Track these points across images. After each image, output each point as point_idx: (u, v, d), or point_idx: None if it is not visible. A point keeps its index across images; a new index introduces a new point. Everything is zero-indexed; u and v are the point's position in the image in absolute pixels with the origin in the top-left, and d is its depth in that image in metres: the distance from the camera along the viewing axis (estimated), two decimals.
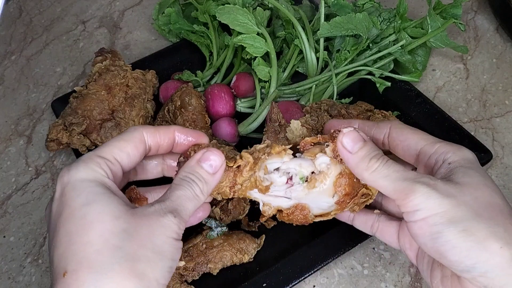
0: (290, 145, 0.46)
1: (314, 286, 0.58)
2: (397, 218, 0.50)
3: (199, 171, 0.41)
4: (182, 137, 0.45)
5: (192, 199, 0.40)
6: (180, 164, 0.44)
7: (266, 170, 0.44)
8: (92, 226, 0.36)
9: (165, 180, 0.49)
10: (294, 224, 0.48)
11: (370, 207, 0.51)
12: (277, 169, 0.45)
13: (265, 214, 0.47)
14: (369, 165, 0.41)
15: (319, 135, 0.46)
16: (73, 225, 0.36)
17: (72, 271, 0.34)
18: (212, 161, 0.42)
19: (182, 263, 0.42)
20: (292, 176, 0.45)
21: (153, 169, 0.48)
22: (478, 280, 0.38)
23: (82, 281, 0.34)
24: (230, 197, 0.45)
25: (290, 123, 0.51)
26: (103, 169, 0.39)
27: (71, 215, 0.36)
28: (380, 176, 0.41)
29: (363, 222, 0.51)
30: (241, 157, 0.44)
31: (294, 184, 0.45)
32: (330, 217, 0.48)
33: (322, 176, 0.44)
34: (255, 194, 0.46)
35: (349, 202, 0.46)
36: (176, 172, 0.43)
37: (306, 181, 0.45)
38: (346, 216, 0.52)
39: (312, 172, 0.45)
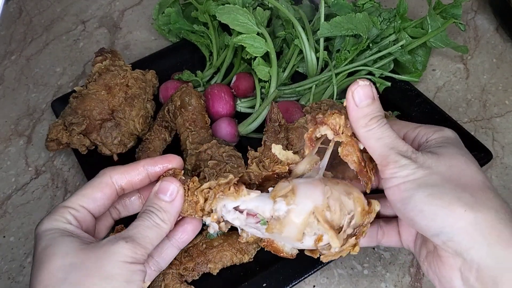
0: (260, 178, 0.45)
1: (314, 286, 0.58)
2: (393, 217, 0.50)
3: (156, 202, 0.44)
4: (152, 168, 0.46)
5: (151, 227, 0.42)
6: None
7: (214, 215, 0.44)
8: (44, 266, 0.39)
9: None
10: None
11: None
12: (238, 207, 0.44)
13: (242, 240, 0.46)
14: (368, 123, 0.42)
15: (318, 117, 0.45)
16: (34, 269, 0.40)
17: None
18: (168, 190, 0.44)
19: (147, 284, 0.43)
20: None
21: (133, 205, 0.50)
22: (448, 245, 0.38)
23: None
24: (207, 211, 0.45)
25: (270, 148, 0.48)
26: (65, 217, 0.43)
27: (34, 262, 0.41)
28: (373, 137, 0.42)
29: (368, 236, 0.49)
30: (201, 191, 0.45)
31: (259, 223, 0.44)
32: (316, 256, 0.46)
33: (278, 224, 0.42)
34: (233, 221, 0.45)
35: (367, 171, 0.43)
36: None
37: (267, 222, 0.43)
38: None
39: (272, 216, 0.43)
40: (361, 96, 0.42)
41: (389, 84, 0.72)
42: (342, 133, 0.43)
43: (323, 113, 0.44)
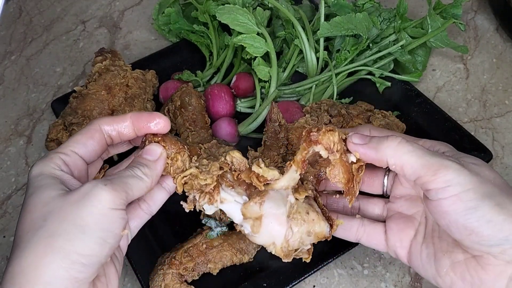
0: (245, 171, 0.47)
1: (314, 286, 0.58)
2: (380, 220, 0.51)
3: (140, 160, 0.45)
4: (139, 122, 0.46)
5: (132, 176, 0.43)
6: (141, 145, 0.48)
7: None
8: (25, 214, 0.40)
9: None
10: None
11: (347, 214, 0.52)
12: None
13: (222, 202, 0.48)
14: (389, 142, 0.42)
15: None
16: (19, 217, 0.41)
17: (11, 252, 0.39)
18: (153, 152, 0.45)
19: (126, 232, 0.42)
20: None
21: (122, 147, 0.51)
22: (507, 253, 0.39)
23: (11, 261, 0.38)
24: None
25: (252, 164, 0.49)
26: (55, 162, 0.43)
27: (22, 206, 0.41)
28: (405, 151, 0.41)
29: (346, 229, 0.51)
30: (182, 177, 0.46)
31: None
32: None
33: (242, 233, 0.48)
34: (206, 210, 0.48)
35: (353, 186, 0.46)
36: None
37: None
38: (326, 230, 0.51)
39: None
40: (359, 137, 0.44)
41: (389, 84, 0.72)
42: (337, 150, 0.45)
43: (318, 129, 0.45)
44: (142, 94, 0.70)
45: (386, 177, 0.52)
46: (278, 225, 0.46)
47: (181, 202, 0.48)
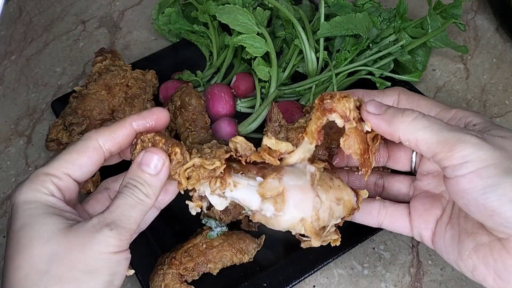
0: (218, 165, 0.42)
1: (314, 286, 0.58)
2: (403, 201, 0.47)
3: (140, 175, 0.40)
4: (141, 124, 0.42)
5: (135, 206, 0.39)
6: (131, 148, 0.43)
7: (194, 187, 0.43)
8: (22, 251, 0.36)
9: None
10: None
11: (370, 196, 0.48)
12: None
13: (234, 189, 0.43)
14: (404, 117, 0.38)
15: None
16: (10, 250, 0.37)
17: None
18: (153, 161, 0.40)
19: (131, 272, 0.42)
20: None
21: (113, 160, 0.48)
22: None
23: None
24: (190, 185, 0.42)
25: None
26: (47, 188, 0.39)
27: (10, 239, 0.37)
28: (420, 127, 0.38)
29: (366, 212, 0.46)
30: (184, 170, 0.42)
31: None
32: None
33: (264, 219, 0.43)
34: (216, 205, 0.44)
35: (369, 157, 0.42)
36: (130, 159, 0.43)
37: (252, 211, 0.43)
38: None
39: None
40: (376, 106, 0.40)
41: (389, 84, 0.72)
42: (353, 118, 0.41)
43: (331, 97, 0.41)
44: (142, 94, 0.70)
45: (414, 152, 0.47)
46: (304, 194, 0.41)
47: (186, 202, 0.44)
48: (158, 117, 0.43)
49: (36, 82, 0.83)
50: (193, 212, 0.44)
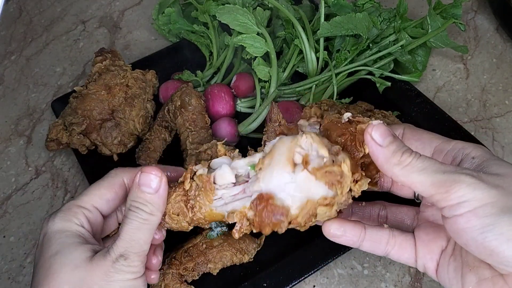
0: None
1: (314, 286, 0.58)
2: (409, 231, 0.46)
3: (140, 195, 0.42)
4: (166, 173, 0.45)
5: (141, 227, 0.41)
6: None
7: (205, 165, 0.43)
8: (53, 276, 0.39)
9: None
10: (271, 230, 0.42)
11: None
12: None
13: (230, 220, 0.43)
14: (401, 160, 0.38)
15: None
16: (41, 275, 0.40)
17: None
18: (151, 180, 0.42)
19: None
20: (248, 174, 0.42)
21: None
22: None
23: None
24: (195, 220, 0.44)
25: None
26: (79, 219, 0.43)
27: (41, 265, 0.41)
28: (415, 170, 0.37)
29: (375, 241, 0.45)
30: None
31: (250, 176, 0.42)
32: (312, 222, 0.41)
33: (268, 156, 0.40)
34: (217, 208, 0.43)
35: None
36: None
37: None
38: (355, 240, 0.45)
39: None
40: (382, 135, 0.39)
41: (389, 84, 0.72)
42: (317, 117, 0.43)
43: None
44: (142, 94, 0.70)
45: None
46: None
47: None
48: (180, 174, 0.46)
49: (36, 82, 0.83)
50: (231, 217, 0.44)
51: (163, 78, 0.75)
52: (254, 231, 0.42)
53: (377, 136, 0.39)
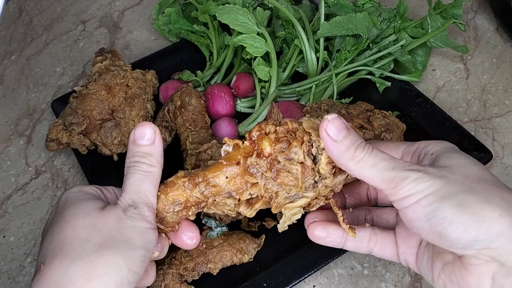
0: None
1: (314, 286, 0.58)
2: (391, 228, 0.48)
3: (138, 149, 0.43)
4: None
5: (144, 178, 0.42)
6: None
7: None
8: (67, 224, 0.40)
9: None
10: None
11: (362, 206, 0.50)
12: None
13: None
14: (354, 155, 0.40)
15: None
16: (56, 227, 0.41)
17: (47, 263, 0.38)
18: (145, 133, 0.43)
19: (157, 254, 0.45)
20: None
21: None
22: (483, 253, 0.36)
23: (54, 269, 0.38)
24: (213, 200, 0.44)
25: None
26: (95, 190, 0.44)
27: (56, 219, 0.42)
28: (366, 166, 0.40)
29: (358, 239, 0.47)
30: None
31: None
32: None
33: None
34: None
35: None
36: None
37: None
38: (338, 240, 0.48)
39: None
40: (335, 130, 0.40)
41: (389, 84, 0.72)
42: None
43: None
44: (142, 94, 0.70)
45: None
46: None
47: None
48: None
49: (36, 82, 0.83)
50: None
51: (163, 78, 0.75)
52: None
53: (332, 131, 0.40)
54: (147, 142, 0.43)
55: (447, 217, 0.37)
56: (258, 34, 0.70)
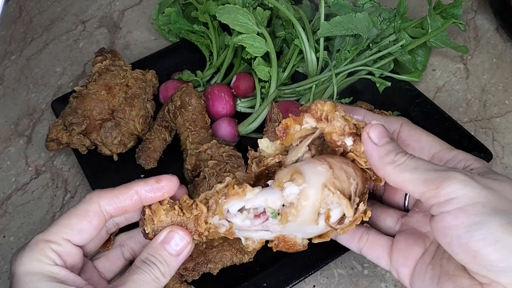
0: (251, 180, 0.43)
1: (314, 286, 0.58)
2: (388, 235, 0.46)
3: (161, 253, 0.39)
4: (147, 190, 0.40)
5: (150, 283, 0.38)
6: (141, 221, 0.41)
7: (221, 214, 0.40)
8: None
9: None
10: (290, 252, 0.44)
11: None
12: (243, 208, 0.41)
13: (249, 249, 0.43)
14: (395, 159, 0.38)
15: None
16: None
17: None
18: (177, 242, 0.39)
19: None
20: (264, 210, 0.41)
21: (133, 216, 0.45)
22: None
23: None
24: (205, 241, 0.42)
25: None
26: (48, 256, 0.37)
27: None
28: (407, 169, 0.37)
29: (349, 235, 0.46)
30: (196, 206, 0.41)
31: (269, 218, 0.40)
32: (328, 238, 0.43)
33: (293, 209, 0.39)
34: (242, 223, 0.41)
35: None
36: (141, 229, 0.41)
37: (278, 214, 0.40)
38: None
39: (283, 205, 0.40)
40: (378, 135, 0.39)
41: (389, 84, 0.72)
42: (328, 120, 0.40)
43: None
44: (142, 94, 0.70)
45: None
46: (314, 163, 0.40)
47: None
48: (167, 188, 0.41)
49: (36, 82, 0.83)
50: (249, 243, 0.43)
51: (163, 78, 0.75)
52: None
53: (373, 135, 0.39)
54: (173, 252, 0.39)
55: (493, 233, 0.33)
56: (258, 34, 0.69)
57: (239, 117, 0.71)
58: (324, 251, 0.56)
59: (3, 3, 0.57)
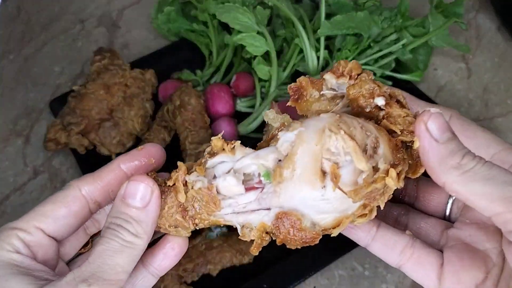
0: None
1: (314, 287, 0.57)
2: (436, 247, 0.38)
3: (125, 210, 0.33)
4: (132, 165, 0.36)
5: (121, 250, 0.32)
6: None
7: (201, 171, 0.33)
8: None
9: None
10: (300, 247, 0.35)
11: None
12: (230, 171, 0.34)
13: (245, 238, 0.35)
14: (462, 163, 0.30)
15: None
16: None
17: None
18: (140, 191, 0.33)
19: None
20: (261, 180, 0.33)
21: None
22: None
23: None
24: (193, 228, 0.35)
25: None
26: (11, 244, 0.33)
27: None
28: (478, 178, 0.29)
29: (389, 245, 0.37)
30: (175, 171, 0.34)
31: (265, 186, 0.33)
32: (344, 226, 0.33)
33: (287, 161, 0.31)
34: (224, 217, 0.34)
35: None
36: None
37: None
38: (363, 236, 0.37)
39: (279, 160, 0.32)
40: (440, 127, 0.30)
41: (390, 83, 0.71)
42: (352, 77, 0.33)
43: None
44: (141, 93, 0.69)
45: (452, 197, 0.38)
46: (323, 115, 0.32)
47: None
48: (150, 154, 0.36)
49: (34, 82, 0.83)
50: (246, 232, 0.35)
51: (162, 78, 0.75)
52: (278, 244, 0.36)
53: (434, 127, 0.30)
54: (138, 204, 0.33)
55: None
56: (258, 33, 0.69)
57: (239, 116, 0.71)
58: (325, 252, 0.55)
59: (0, 2, 0.56)
